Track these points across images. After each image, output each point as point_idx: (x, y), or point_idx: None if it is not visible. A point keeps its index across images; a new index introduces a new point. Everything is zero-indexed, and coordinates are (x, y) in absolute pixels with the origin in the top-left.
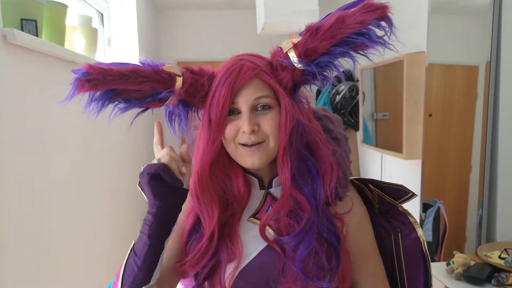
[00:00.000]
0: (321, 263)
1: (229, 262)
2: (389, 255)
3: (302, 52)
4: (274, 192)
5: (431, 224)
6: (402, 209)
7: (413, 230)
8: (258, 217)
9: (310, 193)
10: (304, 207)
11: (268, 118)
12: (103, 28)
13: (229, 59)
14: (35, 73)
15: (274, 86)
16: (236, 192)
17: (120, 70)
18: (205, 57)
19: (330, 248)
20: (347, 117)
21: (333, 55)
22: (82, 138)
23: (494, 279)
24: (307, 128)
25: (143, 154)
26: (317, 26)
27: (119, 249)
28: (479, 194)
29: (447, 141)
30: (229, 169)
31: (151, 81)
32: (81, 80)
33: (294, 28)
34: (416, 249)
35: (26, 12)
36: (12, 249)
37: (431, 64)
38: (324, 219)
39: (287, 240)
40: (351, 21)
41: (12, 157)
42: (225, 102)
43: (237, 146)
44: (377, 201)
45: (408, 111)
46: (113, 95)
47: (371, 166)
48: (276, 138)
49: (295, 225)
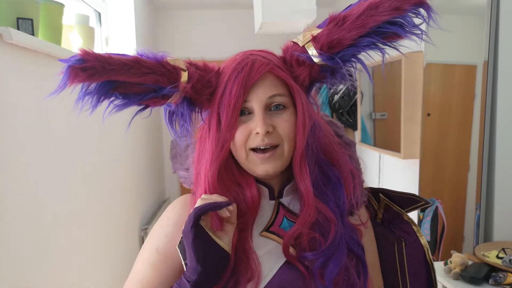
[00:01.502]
0: (352, 280)
1: (248, 281)
2: (391, 267)
3: (325, 43)
4: (286, 202)
5: (429, 223)
6: (407, 218)
7: (416, 238)
8: (272, 231)
9: (333, 202)
10: (330, 218)
11: (283, 120)
12: (100, 27)
13: (237, 55)
14: (31, 72)
15: (290, 83)
16: (250, 202)
17: (120, 59)
18: (202, 57)
19: (358, 262)
20: (345, 117)
21: (360, 47)
22: (80, 137)
23: (492, 279)
24: (323, 131)
25: (142, 154)
26: (343, 14)
27: (119, 249)
28: (476, 194)
29: (445, 141)
30: (239, 178)
31: (155, 73)
32: (75, 67)
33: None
34: (419, 258)
35: (22, 11)
36: (11, 249)
37: (429, 64)
38: (349, 231)
39: (313, 256)
40: (386, 8)
41: (8, 156)
42: (237, 101)
43: (248, 152)
44: (382, 211)
45: (406, 111)
46: (110, 89)
47: (369, 166)
48: (291, 142)
49: (321, 240)
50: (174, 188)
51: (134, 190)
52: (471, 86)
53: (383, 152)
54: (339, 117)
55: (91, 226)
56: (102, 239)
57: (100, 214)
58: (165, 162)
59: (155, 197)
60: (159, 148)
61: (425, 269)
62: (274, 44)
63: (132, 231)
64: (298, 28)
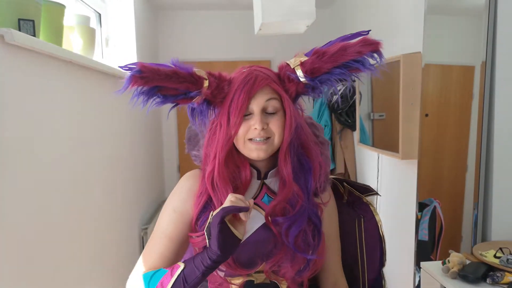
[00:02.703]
0: (308, 240)
1: None
2: (352, 238)
3: (309, 70)
4: (269, 183)
5: (427, 223)
6: (366, 201)
7: (373, 216)
8: (255, 203)
9: (303, 184)
10: (299, 195)
11: (275, 119)
12: (100, 28)
13: (243, 67)
14: (32, 73)
15: (282, 93)
16: (244, 180)
17: (165, 70)
18: (202, 57)
19: (315, 228)
20: (344, 117)
21: (333, 75)
22: (81, 137)
23: (489, 278)
24: (303, 131)
25: (143, 154)
26: (323, 50)
27: (119, 249)
28: (474, 193)
29: (443, 141)
30: (238, 161)
31: (187, 81)
32: (135, 76)
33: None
34: (375, 232)
35: (24, 12)
36: (10, 248)
37: (427, 65)
38: (312, 206)
39: (282, 220)
40: (352, 51)
41: (8, 156)
42: (242, 105)
43: (246, 141)
44: (346, 194)
45: (405, 111)
46: (156, 91)
47: (367, 166)
48: (280, 136)
49: (290, 209)
50: (173, 188)
51: (134, 189)
52: (469, 86)
53: (381, 153)
54: (338, 117)
55: (91, 225)
56: (102, 238)
57: (101, 214)
58: (164, 161)
59: (155, 196)
60: (159, 148)
61: (379, 241)
62: (273, 45)
63: (132, 231)
64: (298, 30)
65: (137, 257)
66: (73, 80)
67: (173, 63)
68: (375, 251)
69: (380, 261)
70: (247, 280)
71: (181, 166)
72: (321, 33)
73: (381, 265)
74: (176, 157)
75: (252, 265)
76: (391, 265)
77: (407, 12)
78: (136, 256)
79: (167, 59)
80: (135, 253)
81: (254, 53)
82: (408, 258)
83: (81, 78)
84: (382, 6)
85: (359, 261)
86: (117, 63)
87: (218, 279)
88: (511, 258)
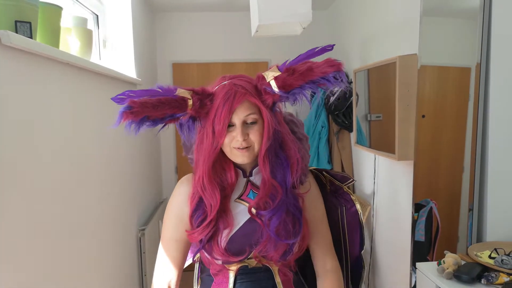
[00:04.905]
0: (288, 228)
1: (224, 229)
2: (336, 225)
3: (281, 85)
4: (253, 179)
5: (424, 224)
6: (346, 190)
7: (353, 205)
8: (242, 199)
9: (282, 179)
10: (278, 190)
11: (254, 130)
12: (98, 30)
13: (226, 82)
14: (29, 75)
15: (260, 105)
16: (230, 180)
17: (151, 101)
18: (200, 59)
19: (294, 218)
20: (341, 118)
21: (304, 88)
22: (78, 139)
23: (484, 279)
24: (281, 132)
25: (140, 155)
26: (293, 68)
27: (116, 250)
28: (469, 194)
29: (440, 142)
30: (225, 164)
31: (173, 107)
32: (126, 112)
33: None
34: (355, 219)
35: (21, 14)
36: (7, 250)
37: (423, 66)
38: (291, 198)
39: (264, 213)
40: (317, 71)
41: (5, 157)
42: (225, 119)
43: (231, 149)
44: (328, 184)
45: (401, 113)
46: (144, 118)
47: (364, 167)
48: (259, 144)
49: (270, 203)
50: (171, 189)
51: (131, 190)
52: (465, 88)
53: (378, 154)
54: (335, 118)
55: (89, 226)
56: (100, 240)
57: (98, 215)
58: (162, 162)
59: (152, 197)
60: (157, 149)
61: (359, 228)
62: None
63: (129, 232)
64: (294, 31)
65: (134, 258)
66: (70, 82)
67: (159, 87)
68: (356, 236)
69: (360, 244)
70: (242, 266)
71: (178, 167)
72: (318, 34)
73: (361, 248)
74: (173, 158)
75: (241, 253)
76: (388, 266)
77: (403, 14)
78: (134, 257)
79: (165, 60)
80: (132, 254)
81: (252, 55)
82: (404, 259)
83: (78, 80)
84: (378, 8)
85: (342, 245)
86: (114, 65)
87: (217, 266)
88: (505, 259)
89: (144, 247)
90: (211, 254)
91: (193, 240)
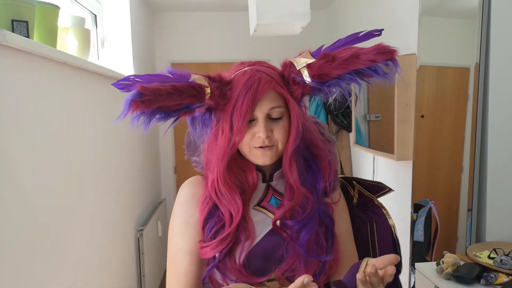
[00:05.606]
0: (321, 242)
1: (246, 240)
2: (365, 244)
3: (316, 74)
4: (275, 185)
5: (423, 224)
6: (378, 203)
7: (386, 220)
8: (262, 206)
9: (312, 185)
10: (308, 198)
11: (279, 126)
12: (96, 29)
13: (244, 64)
14: (26, 74)
15: (287, 97)
16: (251, 182)
17: (166, 88)
18: (198, 59)
19: (327, 229)
20: (340, 119)
21: (343, 80)
22: (76, 138)
23: (483, 279)
24: (310, 131)
25: (139, 155)
26: (333, 54)
27: (115, 250)
28: (468, 194)
29: (439, 142)
30: (243, 165)
31: (190, 95)
32: (136, 101)
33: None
34: (388, 237)
35: (17, 13)
36: (4, 250)
37: (422, 66)
38: (323, 206)
39: (292, 224)
40: (365, 58)
41: (2, 157)
42: (247, 112)
43: (251, 148)
44: (356, 195)
45: (400, 113)
46: (158, 110)
47: (363, 167)
48: (283, 143)
49: (299, 211)
50: (170, 189)
51: (130, 191)
52: (464, 88)
53: (377, 154)
54: (334, 118)
55: (87, 226)
56: (98, 240)
57: (96, 215)
58: (161, 163)
59: (151, 198)
60: (155, 149)
61: (393, 246)
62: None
63: (128, 232)
64: (293, 31)
65: (133, 259)
66: (67, 81)
67: (169, 71)
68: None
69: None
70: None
71: (177, 167)
72: (317, 34)
73: (398, 271)
74: (172, 158)
75: (264, 272)
76: None
77: (402, 14)
78: (132, 258)
79: (163, 60)
80: (131, 254)
81: (250, 54)
82: (403, 259)
83: (75, 80)
84: (377, 8)
85: None
86: (112, 65)
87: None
88: (504, 259)
89: (143, 247)
90: (225, 272)
91: (205, 255)
